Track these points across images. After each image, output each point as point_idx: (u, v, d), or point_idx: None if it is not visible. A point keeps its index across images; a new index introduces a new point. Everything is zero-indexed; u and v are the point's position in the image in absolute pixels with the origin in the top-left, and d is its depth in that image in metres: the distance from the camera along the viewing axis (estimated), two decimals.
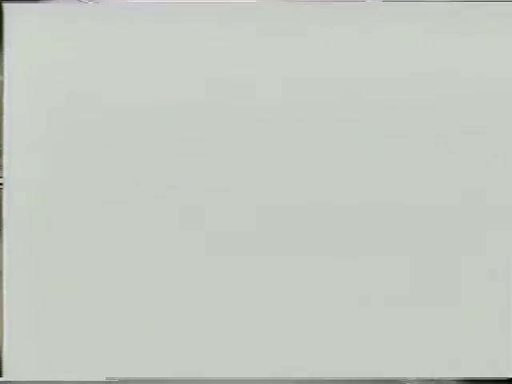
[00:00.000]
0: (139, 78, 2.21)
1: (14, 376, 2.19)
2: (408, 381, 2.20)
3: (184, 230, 2.20)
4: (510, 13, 2.21)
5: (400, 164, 2.21)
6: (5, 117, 2.20)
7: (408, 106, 2.21)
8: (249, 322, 2.20)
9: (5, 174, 2.20)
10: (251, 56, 2.22)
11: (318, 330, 2.20)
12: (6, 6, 2.21)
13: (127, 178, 2.20)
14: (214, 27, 2.21)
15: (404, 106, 2.21)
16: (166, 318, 2.20)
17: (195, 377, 2.19)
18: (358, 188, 2.21)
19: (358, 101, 2.21)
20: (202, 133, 2.21)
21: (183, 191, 2.21)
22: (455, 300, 2.20)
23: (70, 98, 2.20)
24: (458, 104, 2.21)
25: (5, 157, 2.21)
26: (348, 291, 2.20)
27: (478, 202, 2.20)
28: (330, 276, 2.20)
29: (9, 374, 2.19)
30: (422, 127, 2.21)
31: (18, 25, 2.21)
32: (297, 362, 2.20)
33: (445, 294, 2.20)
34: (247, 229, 2.21)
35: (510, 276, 2.20)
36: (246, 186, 2.21)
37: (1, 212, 2.21)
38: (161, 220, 2.20)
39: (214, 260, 2.20)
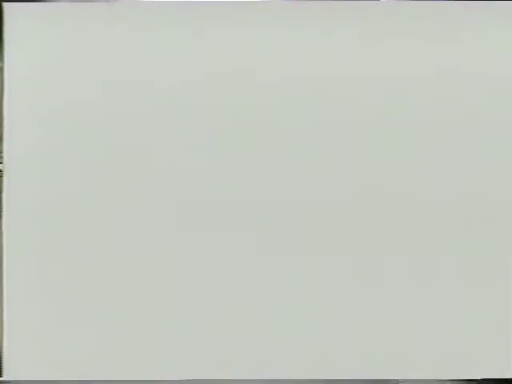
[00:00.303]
0: (140, 77, 2.20)
1: (13, 376, 2.19)
2: (407, 381, 2.19)
3: (184, 229, 2.20)
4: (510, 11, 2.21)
5: (400, 164, 2.21)
6: (5, 117, 2.20)
7: (409, 105, 2.21)
8: (248, 322, 2.20)
9: (5, 174, 2.20)
10: (252, 56, 2.22)
11: (317, 331, 2.20)
12: (6, 5, 2.21)
13: (127, 176, 2.20)
14: (215, 27, 2.21)
15: (405, 105, 2.21)
16: (166, 318, 2.20)
17: (195, 378, 2.19)
18: (360, 188, 2.20)
19: (358, 101, 2.21)
20: (203, 133, 2.21)
21: (183, 191, 2.20)
22: (455, 300, 2.20)
23: (70, 97, 2.20)
24: (459, 104, 2.21)
25: (5, 155, 2.21)
26: (347, 291, 2.20)
27: (478, 201, 2.20)
28: (328, 276, 2.20)
29: (9, 374, 2.19)
30: (423, 127, 2.21)
31: (18, 25, 2.20)
32: (296, 363, 2.20)
33: (444, 293, 2.20)
34: (247, 229, 2.20)
35: (510, 276, 2.20)
36: (246, 186, 2.21)
37: (1, 208, 2.21)
38: (161, 219, 2.20)
39: (214, 260, 2.20)
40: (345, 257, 2.20)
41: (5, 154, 2.20)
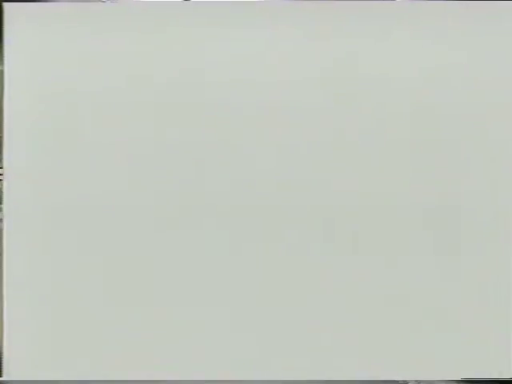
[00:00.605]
0: (139, 77, 2.20)
1: (14, 376, 2.19)
2: (408, 381, 2.20)
3: (184, 228, 2.20)
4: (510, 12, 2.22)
5: (400, 163, 2.21)
6: (5, 116, 2.20)
7: (409, 105, 2.21)
8: (248, 322, 2.20)
9: (5, 172, 2.21)
10: (254, 56, 2.22)
11: (318, 331, 2.20)
12: (6, 5, 2.21)
13: (126, 174, 2.20)
14: (217, 27, 2.21)
15: (406, 105, 2.21)
16: (167, 318, 2.20)
17: (195, 378, 2.19)
18: (361, 188, 2.20)
19: (359, 101, 2.21)
20: (203, 133, 2.21)
21: (183, 190, 2.21)
22: (455, 300, 2.20)
23: (69, 96, 2.20)
24: (459, 104, 2.22)
25: (4, 154, 2.21)
26: (347, 292, 2.20)
27: (478, 200, 2.20)
28: (328, 277, 2.20)
29: (9, 374, 2.19)
30: (423, 126, 2.21)
31: (18, 25, 2.21)
32: (296, 363, 2.20)
33: (445, 294, 2.20)
34: (247, 229, 2.21)
35: (510, 276, 2.20)
36: (247, 186, 2.21)
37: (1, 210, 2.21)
38: (161, 217, 2.20)
39: (215, 260, 2.20)
40: (344, 256, 2.20)
41: (4, 155, 2.20)
